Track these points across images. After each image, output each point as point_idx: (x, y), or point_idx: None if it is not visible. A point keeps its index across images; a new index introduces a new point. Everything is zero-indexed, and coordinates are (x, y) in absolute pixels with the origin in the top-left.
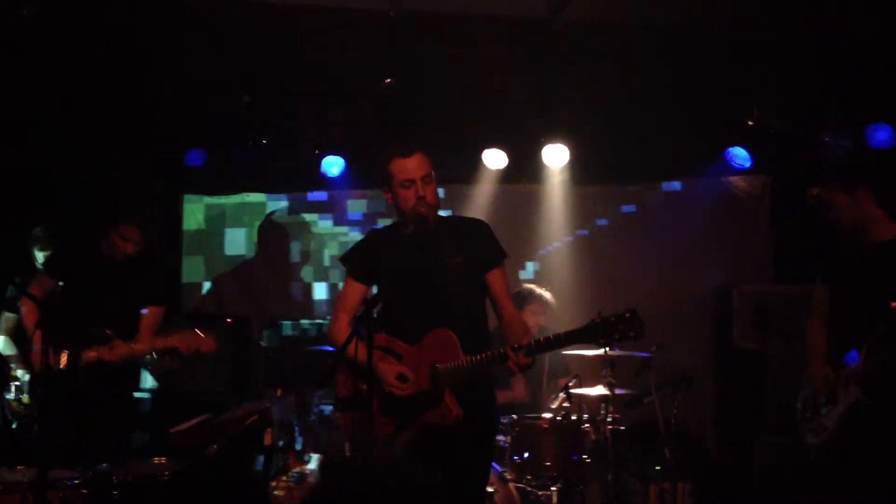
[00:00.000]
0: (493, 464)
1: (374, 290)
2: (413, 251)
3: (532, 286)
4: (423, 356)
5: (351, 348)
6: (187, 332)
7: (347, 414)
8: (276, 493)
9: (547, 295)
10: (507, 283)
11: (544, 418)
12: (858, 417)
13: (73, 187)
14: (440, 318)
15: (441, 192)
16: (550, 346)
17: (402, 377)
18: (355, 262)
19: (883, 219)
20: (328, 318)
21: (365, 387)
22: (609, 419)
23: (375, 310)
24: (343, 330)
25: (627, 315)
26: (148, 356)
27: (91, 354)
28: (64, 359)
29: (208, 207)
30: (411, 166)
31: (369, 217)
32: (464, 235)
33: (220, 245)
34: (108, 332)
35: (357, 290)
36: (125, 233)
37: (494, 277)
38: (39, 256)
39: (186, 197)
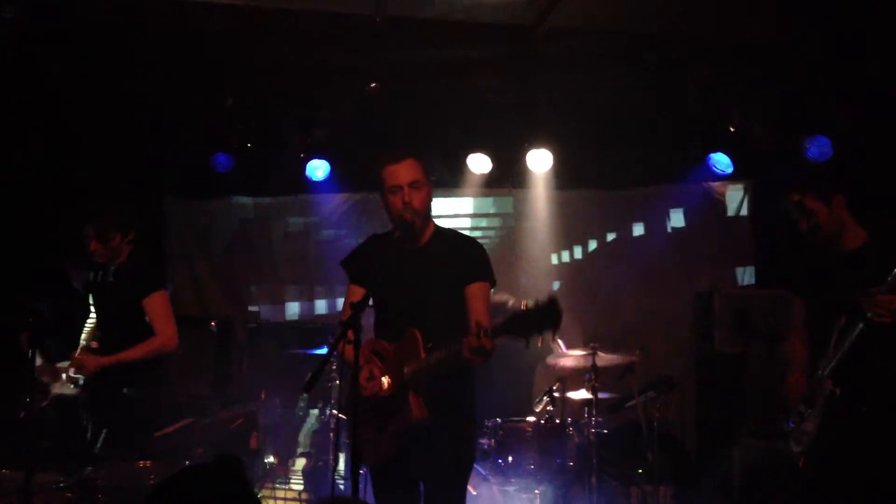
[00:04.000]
0: (478, 466)
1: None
2: (401, 258)
3: (499, 297)
4: (398, 358)
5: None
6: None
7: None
8: (261, 497)
9: (511, 303)
10: (487, 305)
11: (528, 422)
12: (832, 410)
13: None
14: (422, 326)
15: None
16: (490, 335)
17: (370, 375)
18: (353, 266)
19: (855, 227)
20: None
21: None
22: (592, 423)
23: (362, 313)
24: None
25: (546, 304)
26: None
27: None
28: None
29: (191, 210)
30: (399, 172)
31: (353, 220)
32: (455, 251)
33: (204, 248)
34: (94, 345)
35: (357, 293)
36: (85, 230)
37: (472, 293)
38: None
39: (168, 199)
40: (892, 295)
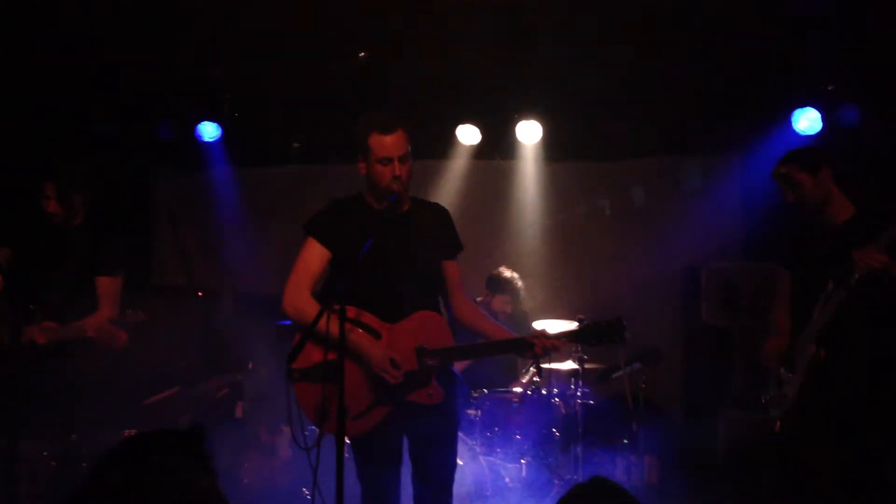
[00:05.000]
0: (464, 437)
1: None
2: (382, 228)
3: (509, 273)
4: (406, 336)
5: (322, 322)
6: (94, 323)
7: (313, 385)
8: (246, 465)
9: (519, 283)
10: (460, 273)
11: (515, 392)
12: (816, 373)
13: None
14: (410, 299)
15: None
16: (563, 339)
17: (395, 363)
18: (322, 227)
19: (842, 199)
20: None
21: (336, 359)
22: (579, 393)
23: (342, 282)
24: (307, 300)
25: (614, 322)
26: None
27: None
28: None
29: (180, 180)
30: (390, 144)
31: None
32: (430, 220)
33: (192, 218)
34: (40, 311)
35: (322, 255)
36: (44, 189)
37: (451, 267)
38: None
39: (157, 170)
40: (884, 253)
